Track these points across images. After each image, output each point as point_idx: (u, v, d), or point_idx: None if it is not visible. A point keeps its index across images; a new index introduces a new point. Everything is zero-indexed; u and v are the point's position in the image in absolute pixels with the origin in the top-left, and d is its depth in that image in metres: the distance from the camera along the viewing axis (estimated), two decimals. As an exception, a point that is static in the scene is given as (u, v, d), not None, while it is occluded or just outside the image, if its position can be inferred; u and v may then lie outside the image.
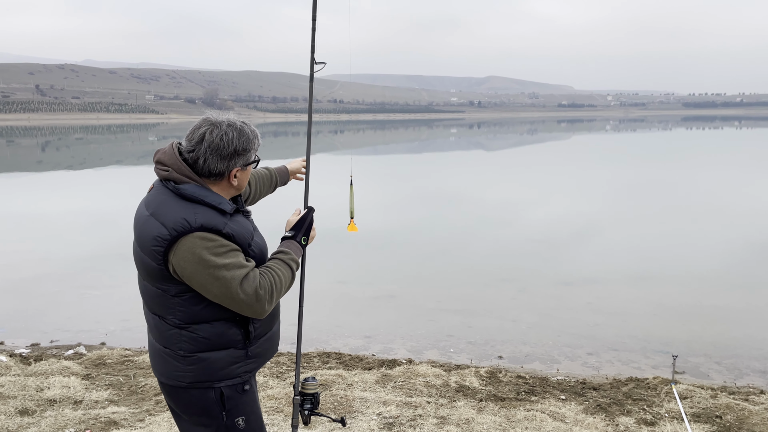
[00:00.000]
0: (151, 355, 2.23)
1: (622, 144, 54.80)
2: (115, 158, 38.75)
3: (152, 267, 2.02)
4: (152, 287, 2.08)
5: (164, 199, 2.04)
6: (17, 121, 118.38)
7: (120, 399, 4.60)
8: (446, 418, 4.06)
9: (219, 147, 2.04)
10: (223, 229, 1.99)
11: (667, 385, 5.06)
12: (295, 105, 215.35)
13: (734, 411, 4.42)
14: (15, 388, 4.55)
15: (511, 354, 6.54)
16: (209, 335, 2.07)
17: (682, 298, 8.54)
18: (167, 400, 2.25)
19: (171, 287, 2.03)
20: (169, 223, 1.96)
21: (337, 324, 7.43)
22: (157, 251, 1.97)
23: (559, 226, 13.79)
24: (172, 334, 2.08)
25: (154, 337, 2.17)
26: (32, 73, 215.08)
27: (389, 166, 32.87)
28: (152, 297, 2.10)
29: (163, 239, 1.96)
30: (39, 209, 16.45)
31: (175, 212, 1.98)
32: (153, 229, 1.99)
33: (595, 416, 4.35)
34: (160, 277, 2.02)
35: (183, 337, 2.07)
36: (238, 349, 2.12)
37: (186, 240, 1.94)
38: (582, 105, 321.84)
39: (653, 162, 32.74)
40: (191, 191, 2.01)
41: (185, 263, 1.95)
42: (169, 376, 2.13)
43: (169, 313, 2.07)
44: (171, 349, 2.09)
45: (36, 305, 8.23)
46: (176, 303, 2.04)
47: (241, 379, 2.15)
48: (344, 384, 4.79)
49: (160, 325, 2.11)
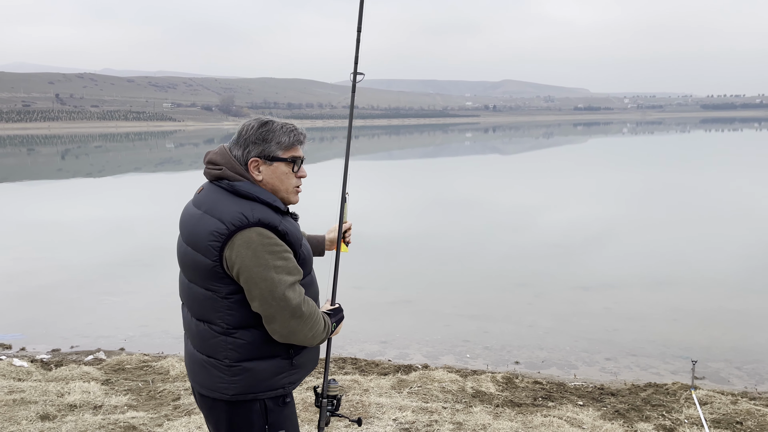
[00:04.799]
0: (190, 365, 2.17)
1: (640, 147, 54.32)
2: (133, 166, 39.18)
3: (206, 265, 1.99)
4: (201, 290, 2.05)
5: (218, 197, 2.03)
6: (38, 129, 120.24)
7: (139, 404, 4.65)
8: (462, 423, 4.05)
9: (240, 135, 2.09)
10: (279, 225, 1.99)
11: (687, 390, 5.00)
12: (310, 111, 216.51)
13: (755, 417, 4.36)
14: (36, 393, 4.62)
15: (528, 359, 6.50)
16: (256, 341, 2.03)
17: (702, 302, 8.44)
18: (205, 414, 2.18)
19: (222, 287, 2.00)
20: (226, 218, 1.95)
21: (353, 329, 7.42)
22: (214, 246, 1.96)
23: (576, 231, 13.70)
24: (218, 341, 2.04)
25: (196, 346, 2.12)
26: (52, 83, 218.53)
27: (404, 171, 32.88)
28: (200, 301, 2.06)
29: (220, 234, 1.95)
30: (59, 217, 16.69)
31: (232, 208, 1.97)
32: (209, 225, 1.98)
33: (613, 422, 4.31)
34: (213, 275, 2.00)
35: (229, 345, 2.03)
36: (283, 359, 2.08)
37: (243, 234, 1.94)
38: (598, 108, 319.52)
39: (671, 165, 32.41)
40: (246, 188, 2.02)
41: (238, 257, 1.93)
42: (211, 388, 2.07)
43: (217, 317, 2.03)
44: (216, 359, 2.05)
45: (56, 311, 8.34)
46: (225, 305, 2.01)
47: (284, 391, 2.10)
48: (360, 389, 4.79)
49: (205, 332, 2.07)
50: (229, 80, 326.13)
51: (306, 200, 3.01)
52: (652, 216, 15.69)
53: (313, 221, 2.72)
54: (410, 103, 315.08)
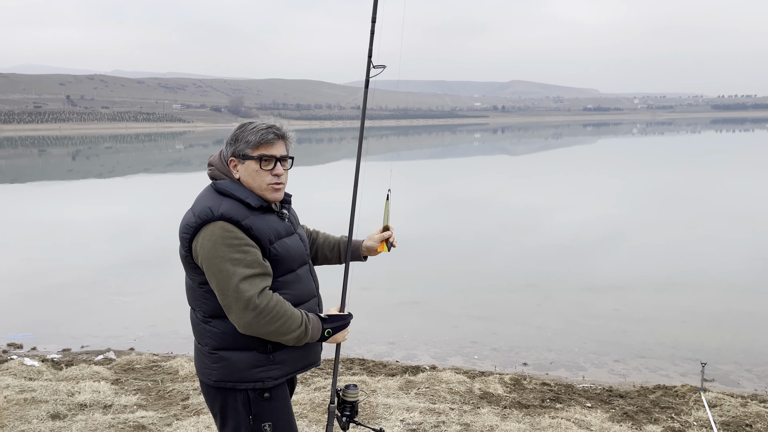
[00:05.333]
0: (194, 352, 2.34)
1: (650, 148, 54.01)
2: (143, 166, 39.40)
3: (183, 255, 2.16)
4: (187, 279, 2.22)
5: (204, 194, 2.19)
6: (49, 130, 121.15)
7: (148, 404, 4.68)
8: (470, 425, 4.05)
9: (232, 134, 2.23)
10: (242, 220, 2.07)
11: (696, 393, 4.98)
12: (319, 112, 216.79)
13: (765, 420, 4.33)
14: (47, 393, 4.66)
15: (536, 361, 6.49)
16: (230, 332, 2.09)
17: (712, 304, 8.39)
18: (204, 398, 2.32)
19: (196, 277, 2.14)
20: (197, 212, 2.10)
21: (361, 330, 7.44)
22: (185, 238, 2.11)
23: (585, 232, 13.65)
24: (201, 328, 2.18)
25: (193, 332, 2.28)
26: (63, 84, 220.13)
27: (413, 172, 32.86)
28: (187, 288, 2.23)
29: (190, 226, 2.09)
30: (70, 217, 16.81)
31: (204, 203, 2.12)
32: (187, 218, 2.15)
33: (621, 424, 4.29)
34: (187, 265, 2.16)
35: (208, 332, 2.15)
36: (260, 353, 2.12)
37: (207, 228, 2.05)
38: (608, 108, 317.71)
39: (682, 166, 32.21)
40: (223, 186, 2.15)
41: (201, 249, 2.05)
42: (201, 372, 2.23)
43: (197, 305, 2.18)
44: (201, 344, 2.20)
45: (66, 311, 8.41)
46: (201, 294, 2.14)
47: (263, 385, 2.14)
48: (368, 390, 4.80)
49: (193, 319, 2.24)
50: (238, 81, 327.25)
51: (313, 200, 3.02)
52: (662, 217, 15.60)
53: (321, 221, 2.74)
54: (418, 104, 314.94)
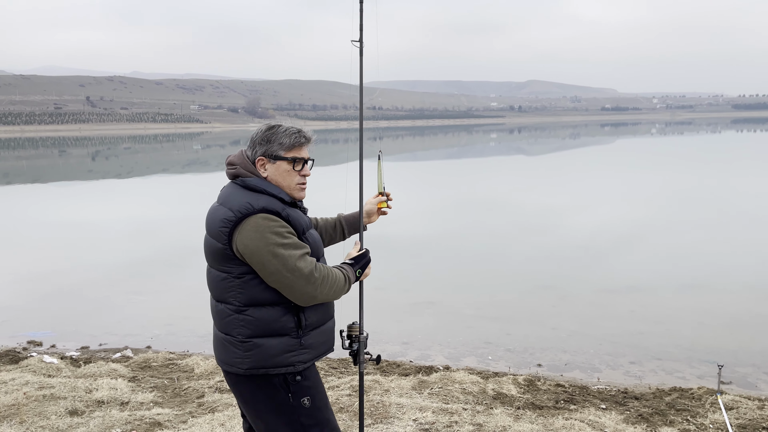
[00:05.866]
0: (214, 345, 2.40)
1: (669, 148, 53.43)
2: (161, 167, 39.79)
3: (218, 248, 2.25)
4: (217, 272, 2.30)
5: (233, 191, 2.32)
6: (69, 131, 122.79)
7: (164, 401, 4.74)
8: (482, 425, 4.05)
9: (251, 137, 2.39)
10: (281, 212, 2.25)
11: (713, 395, 4.92)
12: (335, 113, 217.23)
13: (783, 423, 4.28)
14: (65, 389, 4.74)
15: (551, 362, 6.46)
16: (265, 319, 2.24)
17: (731, 306, 8.28)
18: (233, 391, 2.41)
19: (234, 268, 2.24)
20: (235, 207, 2.23)
21: (375, 330, 7.39)
22: (224, 231, 2.22)
23: (603, 233, 13.55)
24: (232, 319, 2.26)
25: (217, 325, 2.36)
26: (83, 85, 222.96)
27: (428, 173, 32.83)
28: (217, 282, 2.31)
29: (229, 220, 2.22)
30: (89, 217, 17.04)
31: (241, 198, 2.26)
32: (221, 213, 2.26)
33: (636, 426, 4.26)
34: (225, 258, 2.25)
35: (241, 322, 2.25)
36: (292, 338, 2.28)
37: (249, 220, 2.19)
38: (626, 108, 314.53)
39: (701, 166, 31.83)
40: (254, 183, 2.30)
41: (248, 240, 2.18)
42: (229, 363, 2.30)
43: (230, 296, 2.27)
44: (231, 335, 2.28)
45: (85, 310, 8.53)
46: (237, 285, 2.25)
47: (294, 369, 2.28)
48: (381, 390, 4.82)
49: (222, 311, 2.30)
50: (255, 82, 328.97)
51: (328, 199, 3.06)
52: (681, 218, 15.44)
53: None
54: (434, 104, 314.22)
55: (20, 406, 4.35)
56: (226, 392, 4.85)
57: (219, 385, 5.04)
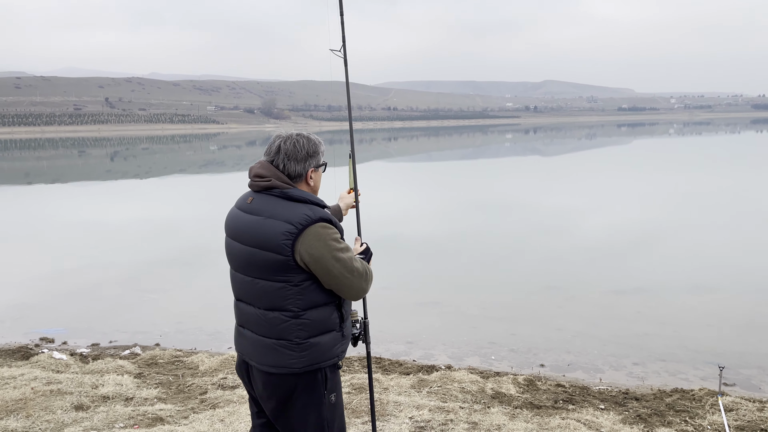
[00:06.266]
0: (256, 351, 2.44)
1: (687, 148, 52.86)
2: (178, 167, 40.17)
3: (278, 260, 2.31)
4: (271, 283, 2.35)
5: (275, 203, 2.37)
6: (88, 132, 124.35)
7: (168, 397, 4.84)
8: (477, 423, 4.09)
9: (294, 152, 2.43)
10: (332, 219, 2.39)
11: (713, 396, 4.92)
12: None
13: (781, 425, 4.26)
14: (72, 385, 4.85)
15: (554, 362, 6.47)
16: (320, 319, 2.39)
17: (740, 309, 8.22)
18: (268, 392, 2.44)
19: (294, 277, 2.33)
20: (294, 219, 2.30)
21: (381, 329, 7.51)
22: (287, 244, 2.29)
23: (614, 235, 13.49)
24: (289, 324, 2.36)
25: (264, 333, 2.40)
26: (102, 87, 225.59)
27: (442, 174, 32.82)
28: (270, 292, 2.36)
29: (291, 233, 2.29)
30: (107, 217, 17.30)
31: (295, 210, 2.33)
32: (278, 227, 2.31)
33: (633, 426, 4.27)
34: (286, 268, 2.32)
35: (299, 326, 2.36)
36: (336, 332, 2.45)
37: (310, 230, 2.30)
38: (643, 108, 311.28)
39: (718, 167, 31.47)
40: (298, 194, 2.38)
41: (312, 249, 2.29)
42: (282, 365, 2.38)
43: (288, 304, 2.35)
44: (287, 340, 2.37)
45: (98, 307, 8.69)
46: (296, 292, 2.34)
47: (338, 359, 2.49)
48: (380, 388, 4.87)
49: (275, 319, 2.37)
50: (271, 83, 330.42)
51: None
52: (693, 220, 15.31)
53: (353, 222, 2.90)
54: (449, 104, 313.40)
55: (27, 401, 4.47)
56: (228, 389, 4.94)
57: (222, 382, 5.13)
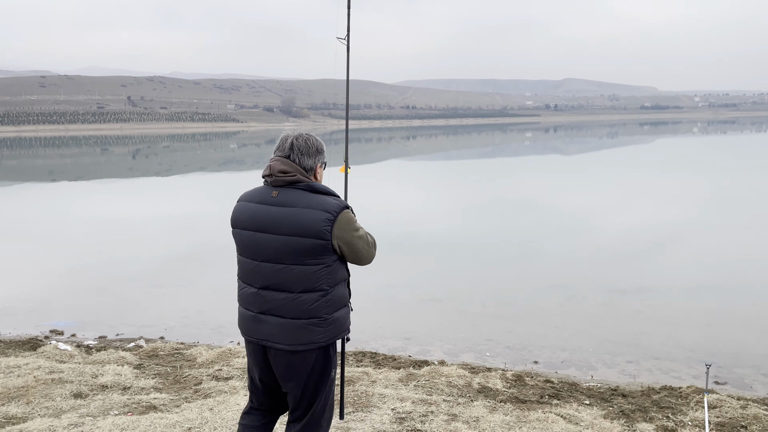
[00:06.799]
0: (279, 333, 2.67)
1: (711, 147, 52.14)
2: (198, 165, 40.64)
3: (317, 245, 2.62)
4: (305, 267, 2.64)
5: (304, 195, 2.67)
6: (111, 130, 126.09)
7: (164, 387, 5.01)
8: (457, 415, 4.19)
9: (307, 148, 2.74)
10: (349, 205, 2.75)
11: (700, 394, 4.95)
12: (368, 112, 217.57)
13: (761, 422, 4.30)
14: (73, 374, 5.05)
15: (548, 359, 6.53)
16: (340, 295, 2.74)
17: (741, 309, 8.21)
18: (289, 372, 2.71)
19: (328, 258, 2.66)
20: (329, 208, 2.63)
21: (380, 326, 7.65)
22: (327, 229, 2.61)
23: (623, 235, 13.47)
24: (320, 303, 2.66)
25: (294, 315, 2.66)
26: (124, 86, 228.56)
27: (458, 172, 32.82)
28: (306, 275, 2.64)
29: (329, 219, 2.62)
30: (128, 213, 17.65)
31: (326, 200, 2.66)
32: (317, 215, 2.62)
33: (613, 421, 4.34)
34: (323, 251, 2.64)
35: (327, 303, 2.68)
36: (347, 306, 2.81)
37: (342, 216, 2.65)
38: (666, 107, 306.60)
39: (741, 167, 31.05)
40: (321, 187, 2.72)
41: (344, 232, 2.65)
42: (310, 341, 2.67)
43: (321, 284, 2.66)
44: (317, 317, 2.66)
45: (107, 301, 8.93)
46: (328, 272, 2.67)
47: (348, 331, 2.83)
48: (368, 381, 4.99)
49: (307, 300, 2.65)
50: (290, 82, 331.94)
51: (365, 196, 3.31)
52: (708, 221, 15.21)
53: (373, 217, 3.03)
54: (469, 102, 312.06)
55: (29, 389, 4.68)
56: (222, 380, 5.10)
57: (217, 374, 5.29)
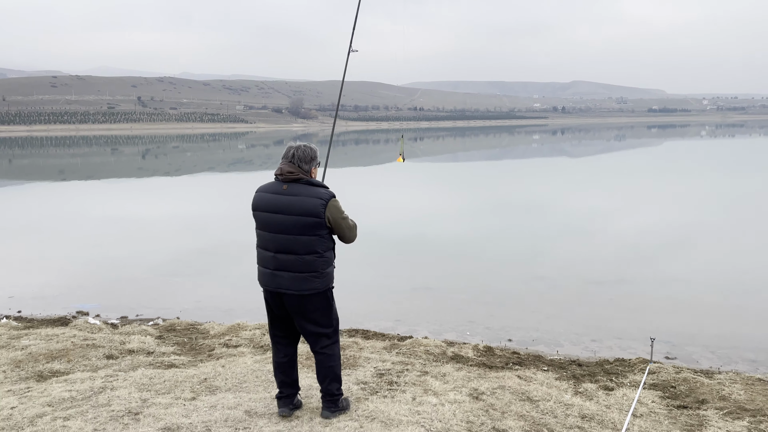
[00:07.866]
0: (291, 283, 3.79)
1: (719, 151, 52.57)
2: (207, 165, 41.51)
3: (314, 222, 3.73)
4: (309, 237, 3.75)
5: (305, 188, 3.79)
6: (121, 130, 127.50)
7: (182, 352, 5.82)
8: (428, 372, 4.97)
9: (305, 155, 3.85)
10: (334, 195, 3.83)
11: (646, 363, 5.70)
12: (376, 113, 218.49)
13: (689, 383, 5.05)
14: (104, 341, 5.88)
15: (521, 338, 7.28)
16: (330, 258, 3.87)
17: (705, 298, 8.93)
18: (300, 309, 3.84)
19: (323, 231, 3.78)
20: (323, 196, 3.77)
21: (375, 310, 8.43)
22: (321, 211, 3.74)
23: (624, 236, 14.16)
24: (319, 261, 3.80)
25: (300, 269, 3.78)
26: (135, 86, 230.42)
27: (464, 174, 33.53)
28: (310, 242, 3.76)
29: (323, 204, 3.75)
30: (139, 212, 18.52)
31: (320, 191, 3.79)
32: (314, 201, 3.74)
33: (562, 381, 5.10)
34: (320, 226, 3.76)
35: (323, 261, 3.82)
36: (333, 267, 3.94)
37: (331, 202, 3.78)
38: (674, 110, 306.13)
39: (747, 171, 31.59)
40: (316, 182, 3.85)
41: (333, 214, 3.78)
42: (312, 288, 3.80)
43: (319, 248, 3.79)
44: (317, 271, 3.80)
45: (127, 288, 9.77)
46: (324, 240, 3.80)
47: (333, 285, 3.97)
48: (357, 348, 5.79)
49: (311, 259, 3.77)
50: (299, 83, 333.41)
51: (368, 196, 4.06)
52: (710, 223, 15.87)
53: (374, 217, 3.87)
54: (476, 104, 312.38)
55: (68, 351, 5.50)
56: (232, 347, 5.91)
57: (227, 342, 6.10)
